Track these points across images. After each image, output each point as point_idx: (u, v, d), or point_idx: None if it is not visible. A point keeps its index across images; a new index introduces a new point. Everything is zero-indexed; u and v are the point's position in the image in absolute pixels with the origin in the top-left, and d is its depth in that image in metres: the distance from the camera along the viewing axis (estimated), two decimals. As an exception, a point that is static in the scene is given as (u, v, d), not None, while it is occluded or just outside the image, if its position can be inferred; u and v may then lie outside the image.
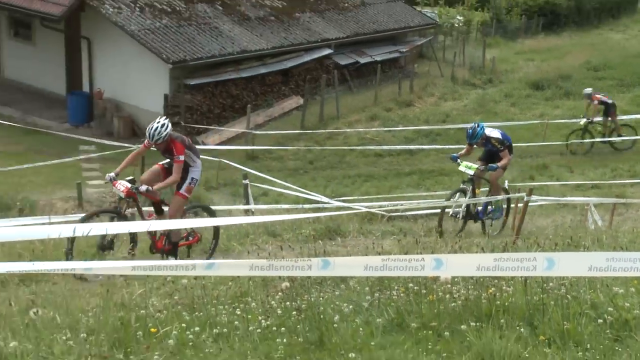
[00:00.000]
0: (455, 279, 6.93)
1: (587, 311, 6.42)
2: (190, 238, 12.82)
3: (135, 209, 12.09)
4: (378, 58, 39.27)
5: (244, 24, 36.93)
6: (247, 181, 23.07)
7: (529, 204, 14.36)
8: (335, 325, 6.45)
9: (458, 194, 15.20)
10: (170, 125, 11.70)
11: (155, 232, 11.90)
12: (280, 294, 7.58)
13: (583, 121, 30.54)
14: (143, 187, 11.50)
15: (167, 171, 12.14)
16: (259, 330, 6.54)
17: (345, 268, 4.69)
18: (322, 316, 6.61)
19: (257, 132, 32.83)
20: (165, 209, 12.67)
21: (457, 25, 47.35)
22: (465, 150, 15.84)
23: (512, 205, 17.17)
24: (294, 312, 6.88)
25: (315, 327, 6.43)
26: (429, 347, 5.89)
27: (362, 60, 39.12)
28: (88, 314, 6.81)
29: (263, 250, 12.87)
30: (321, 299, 7.20)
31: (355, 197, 21.72)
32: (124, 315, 6.59)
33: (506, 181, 17.54)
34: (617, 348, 5.93)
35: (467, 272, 4.28)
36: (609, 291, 6.77)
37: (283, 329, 6.49)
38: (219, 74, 34.59)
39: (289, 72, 36.84)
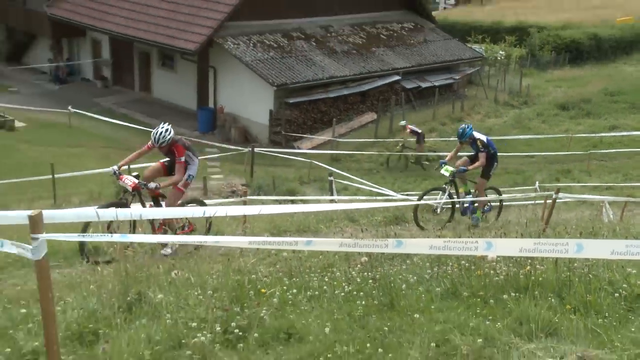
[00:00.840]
0: (498, 258, 6.83)
1: (605, 287, 6.30)
2: (186, 228, 11.43)
3: (139, 201, 10.83)
4: (436, 83, 38.99)
5: (332, 56, 36.93)
6: (331, 178, 23.08)
7: (556, 200, 14.05)
8: (402, 292, 6.39)
9: (439, 192, 14.55)
10: (172, 130, 10.71)
11: (152, 223, 10.66)
12: (359, 266, 7.54)
13: (399, 146, 30.64)
14: (152, 185, 10.53)
15: (166, 168, 11.22)
16: (342, 294, 6.51)
17: (415, 247, 4.60)
18: (392, 284, 6.55)
19: (340, 140, 32.85)
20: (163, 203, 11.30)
21: (499, 58, 46.89)
22: (454, 152, 15.32)
23: (541, 201, 16.86)
24: (370, 281, 6.84)
25: (387, 292, 6.37)
26: (477, 311, 5.81)
27: (424, 85, 38.88)
28: (213, 276, 6.83)
29: (344, 232, 12.77)
30: (391, 271, 7.14)
31: (416, 192, 21.50)
32: (240, 278, 6.59)
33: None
34: (630, 317, 5.81)
35: (512, 253, 4.20)
36: (624, 271, 6.64)
37: (362, 293, 6.45)
38: (311, 95, 34.63)
39: (366, 94, 36.72)
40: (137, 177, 10.49)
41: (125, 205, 10.25)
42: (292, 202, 20.14)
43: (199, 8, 36.11)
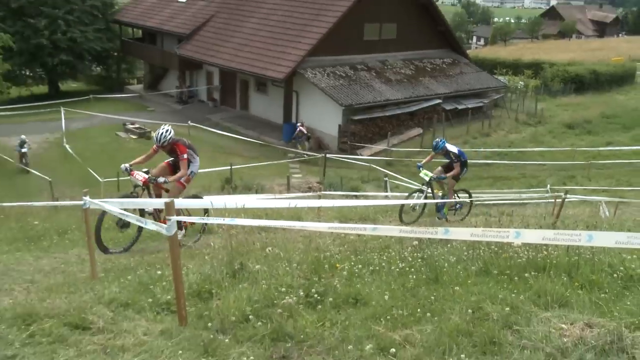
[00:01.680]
0: (521, 245, 6.71)
1: (606, 269, 6.18)
2: (186, 221, 9.82)
3: (147, 195, 9.70)
4: (469, 106, 38.53)
5: (388, 84, 36.77)
6: (386, 179, 23.00)
7: (565, 200, 13.77)
8: (445, 269, 6.31)
9: (416, 193, 13.60)
10: (172, 131, 9.70)
11: (160, 214, 9.40)
12: (410, 248, 7.46)
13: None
14: (161, 179, 9.47)
15: (172, 167, 10.08)
16: (397, 269, 6.45)
17: (458, 234, 4.55)
18: (437, 263, 6.49)
19: (393, 149, 32.69)
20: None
21: (519, 87, 46.23)
22: (429, 158, 14.02)
23: (552, 200, 16.53)
24: (419, 259, 6.77)
25: (432, 269, 6.30)
26: (505, 286, 5.72)
27: (459, 107, 38.44)
28: (297, 252, 6.84)
29: (396, 221, 12.71)
30: (436, 252, 7.05)
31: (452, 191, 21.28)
32: (317, 255, 6.58)
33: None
34: (625, 292, 5.73)
35: (536, 241, 4.14)
36: (620, 257, 6.49)
37: (412, 269, 6.39)
38: (371, 113, 34.56)
39: (414, 113, 36.46)
40: (146, 172, 9.58)
41: (136, 197, 9.36)
42: (355, 197, 20.10)
43: (285, 47, 36.37)
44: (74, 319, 4.96)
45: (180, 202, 8.76)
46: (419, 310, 5.06)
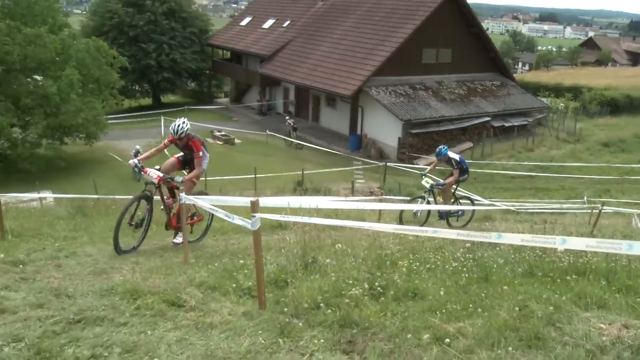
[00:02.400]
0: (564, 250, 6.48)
1: (641, 275, 5.90)
2: (195, 218, 8.91)
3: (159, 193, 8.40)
4: (515, 123, 37.71)
5: (443, 102, 36.33)
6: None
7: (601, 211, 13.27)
8: (493, 269, 6.15)
9: (419, 199, 12.70)
10: (189, 124, 8.26)
11: (171, 211, 8.41)
12: (462, 249, 7.30)
13: None
14: (179, 178, 8.18)
15: (181, 163, 8.71)
16: (450, 268, 6.32)
17: (510, 239, 4.41)
18: (486, 263, 6.33)
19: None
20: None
21: (560, 108, 44.89)
22: (432, 166, 13.56)
23: (589, 211, 15.96)
24: (471, 260, 6.62)
25: (482, 269, 6.14)
26: (548, 287, 5.51)
27: (506, 124, 37.63)
28: (362, 249, 6.79)
29: (447, 225, 12.48)
30: (485, 254, 6.88)
31: (498, 199, 20.81)
32: (380, 252, 6.53)
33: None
34: None
35: (580, 247, 3.97)
36: (656, 264, 6.20)
37: (464, 268, 6.24)
38: (427, 128, 34.23)
39: (466, 129, 35.90)
40: (157, 169, 8.19)
41: (151, 197, 8.13)
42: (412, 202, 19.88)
43: (354, 67, 36.42)
44: (171, 297, 5.06)
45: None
46: (470, 305, 4.93)
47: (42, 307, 4.95)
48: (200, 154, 8.30)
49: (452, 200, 13.02)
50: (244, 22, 51.45)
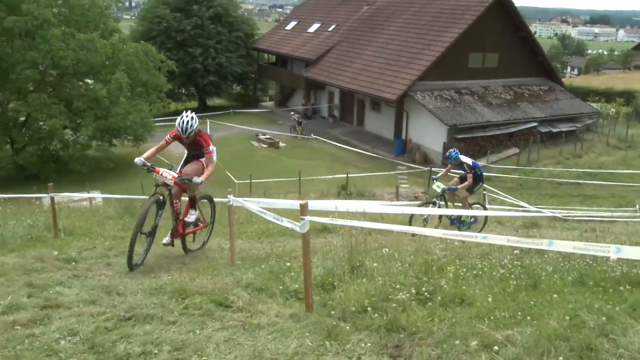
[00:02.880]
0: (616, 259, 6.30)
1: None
2: (200, 224, 7.96)
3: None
4: (563, 129, 36.92)
5: (489, 107, 35.85)
6: (485, 192, 22.28)
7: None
8: (542, 277, 6.02)
9: (430, 205, 11.95)
10: (197, 118, 7.24)
11: (178, 217, 7.39)
12: (509, 256, 7.18)
13: None
14: (197, 179, 7.04)
15: (184, 162, 7.61)
16: (498, 275, 6.21)
17: (561, 246, 4.31)
18: (535, 271, 6.20)
19: (492, 165, 31.76)
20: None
21: (610, 113, 43.75)
22: (445, 171, 13.12)
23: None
24: (519, 267, 6.49)
25: (531, 277, 6.02)
26: (600, 297, 5.34)
27: (554, 130, 36.89)
28: (407, 254, 6.75)
29: (493, 230, 12.28)
30: (534, 261, 6.75)
31: (546, 206, 20.38)
32: (427, 257, 6.47)
33: (485, 198, 16.23)
34: None
35: (637, 257, 3.84)
36: None
37: (512, 275, 6.13)
38: (473, 133, 33.84)
39: (512, 134, 35.31)
40: (171, 169, 7.18)
41: (163, 200, 7.14)
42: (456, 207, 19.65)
43: (399, 72, 36.28)
44: (218, 298, 5.13)
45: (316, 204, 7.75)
46: (519, 313, 4.84)
47: (94, 303, 5.10)
48: (210, 148, 7.37)
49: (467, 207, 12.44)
50: (289, 27, 51.83)
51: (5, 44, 29.72)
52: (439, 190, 11.91)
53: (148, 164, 7.01)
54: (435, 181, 12.22)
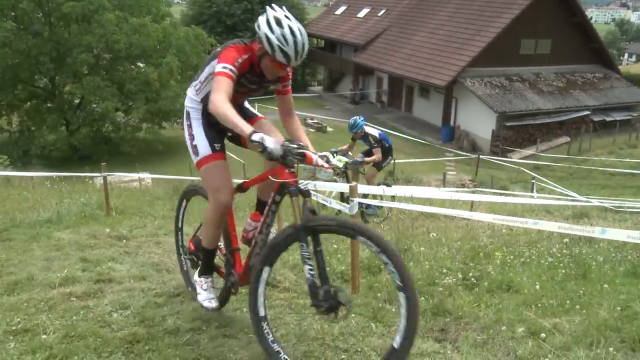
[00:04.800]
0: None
1: None
2: None
3: None
4: (617, 118, 35.93)
5: (540, 94, 35.11)
6: (533, 181, 21.90)
7: None
8: (592, 267, 5.88)
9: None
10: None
11: None
12: (558, 245, 7.03)
13: None
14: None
15: None
16: (546, 263, 6.09)
17: (615, 234, 4.20)
18: (585, 260, 6.06)
19: (541, 154, 31.17)
20: None
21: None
22: (348, 146, 10.92)
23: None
24: (568, 256, 6.35)
25: (580, 266, 5.88)
26: (654, 289, 5.20)
27: (608, 119, 35.93)
28: (454, 240, 6.68)
29: (542, 219, 12.02)
30: (584, 251, 6.60)
31: (596, 197, 19.87)
32: (474, 243, 6.41)
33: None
34: None
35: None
36: None
37: (561, 264, 6.01)
38: (523, 121, 33.25)
39: (563, 122, 34.58)
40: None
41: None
42: (504, 195, 19.35)
43: (449, 58, 35.82)
44: (266, 278, 5.19)
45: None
46: (567, 302, 4.75)
47: (144, 279, 5.23)
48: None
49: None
50: (338, 11, 51.62)
51: (63, 29, 30.54)
52: (340, 164, 9.98)
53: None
54: (335, 154, 9.58)
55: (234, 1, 49.36)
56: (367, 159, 10.27)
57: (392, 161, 10.44)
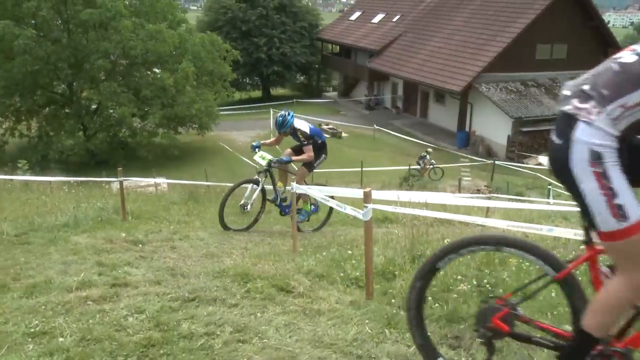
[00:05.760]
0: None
1: None
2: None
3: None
4: None
5: (556, 99, 34.83)
6: (550, 187, 21.77)
7: None
8: (610, 274, 5.82)
9: (250, 185, 8.84)
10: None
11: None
12: (574, 252, 6.93)
13: None
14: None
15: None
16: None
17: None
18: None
19: (558, 159, 30.96)
20: None
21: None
22: (274, 140, 9.66)
23: None
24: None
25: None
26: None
27: (625, 124, 35.63)
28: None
29: (558, 226, 11.91)
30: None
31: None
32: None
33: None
34: None
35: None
36: None
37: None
38: (539, 126, 32.93)
39: (580, 128, 34.36)
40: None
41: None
42: (520, 201, 19.24)
43: (464, 63, 35.69)
44: (280, 283, 5.18)
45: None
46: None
47: (159, 284, 5.25)
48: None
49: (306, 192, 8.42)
50: (353, 17, 51.73)
51: (81, 35, 30.89)
52: (263, 162, 8.72)
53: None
54: (256, 150, 8.85)
55: (249, 7, 49.64)
56: (294, 158, 8.80)
57: (325, 159, 9.09)
